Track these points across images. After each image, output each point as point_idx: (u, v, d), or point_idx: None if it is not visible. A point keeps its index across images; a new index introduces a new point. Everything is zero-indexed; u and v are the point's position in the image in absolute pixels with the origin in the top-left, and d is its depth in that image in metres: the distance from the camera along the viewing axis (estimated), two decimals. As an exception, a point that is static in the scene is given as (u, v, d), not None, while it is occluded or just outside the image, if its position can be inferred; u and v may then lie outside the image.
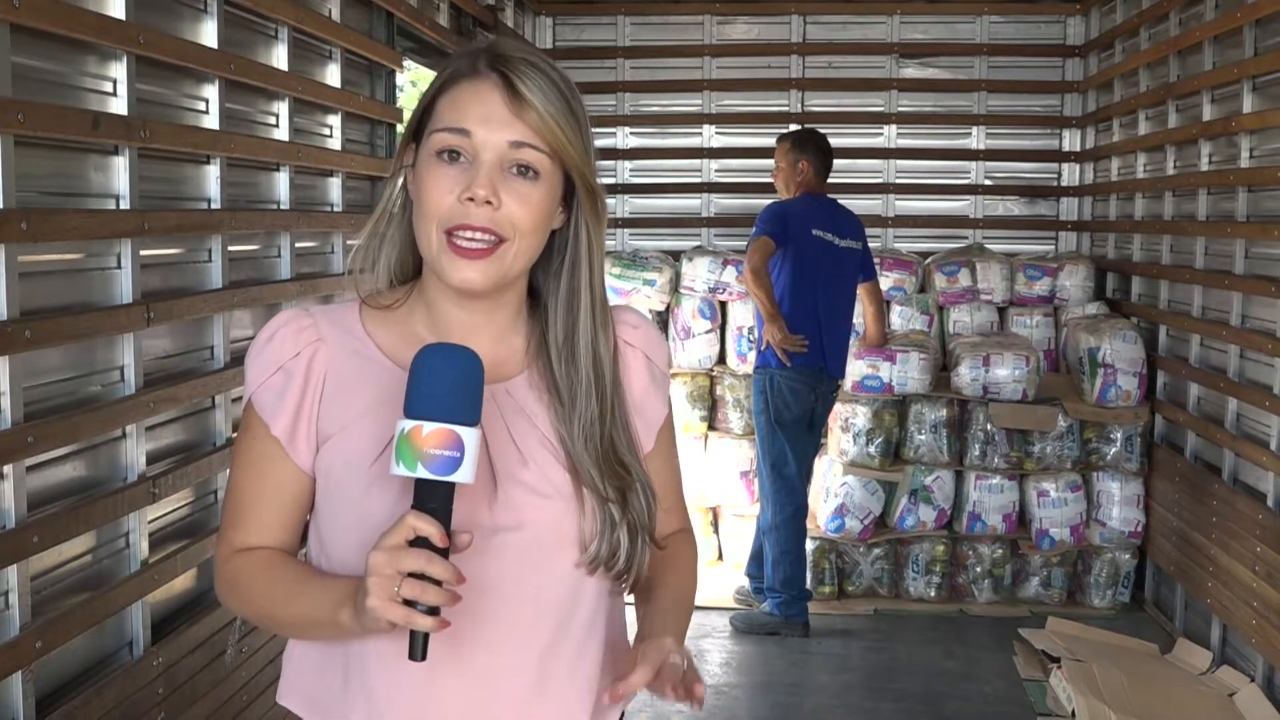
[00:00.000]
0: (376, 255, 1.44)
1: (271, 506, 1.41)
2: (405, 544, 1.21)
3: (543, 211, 1.36)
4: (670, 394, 1.56)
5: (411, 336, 1.41)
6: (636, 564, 1.40)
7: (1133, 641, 4.75)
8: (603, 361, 1.41)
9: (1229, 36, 4.52)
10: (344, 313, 1.44)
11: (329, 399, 1.38)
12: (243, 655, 3.04)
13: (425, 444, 1.22)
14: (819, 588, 5.31)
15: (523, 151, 1.33)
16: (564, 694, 1.39)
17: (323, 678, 1.40)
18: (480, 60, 1.36)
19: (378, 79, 4.22)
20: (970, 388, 5.31)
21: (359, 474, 1.35)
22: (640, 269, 5.86)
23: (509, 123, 1.33)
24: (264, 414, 1.39)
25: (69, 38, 2.35)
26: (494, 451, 1.35)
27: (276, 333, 1.40)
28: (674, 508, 1.54)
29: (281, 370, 1.39)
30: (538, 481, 1.37)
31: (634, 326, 1.49)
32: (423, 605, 1.20)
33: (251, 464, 1.41)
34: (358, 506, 1.35)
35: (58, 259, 2.40)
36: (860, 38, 6.49)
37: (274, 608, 1.39)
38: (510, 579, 1.35)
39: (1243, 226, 4.35)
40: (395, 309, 1.44)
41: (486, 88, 1.34)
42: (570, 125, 1.35)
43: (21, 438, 2.18)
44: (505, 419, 1.38)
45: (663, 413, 1.51)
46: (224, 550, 1.43)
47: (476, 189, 1.31)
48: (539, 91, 1.33)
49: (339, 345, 1.41)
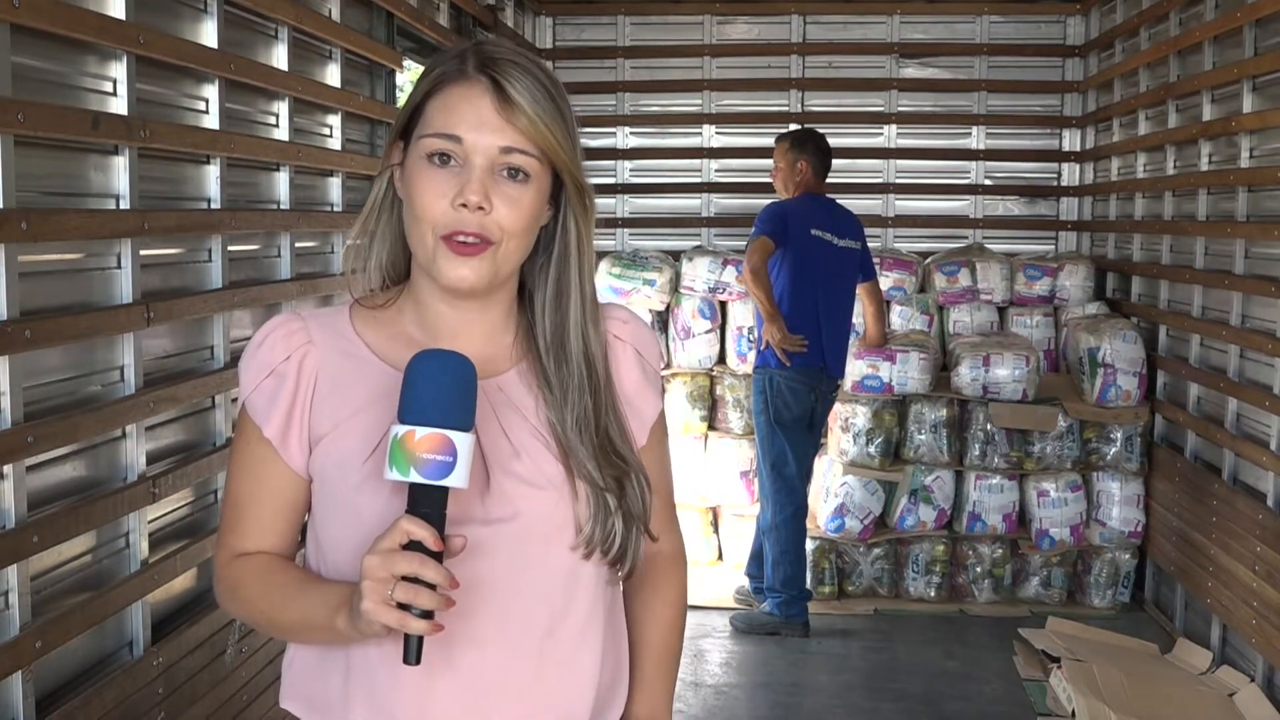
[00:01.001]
0: (368, 254, 1.45)
1: (268, 510, 1.42)
2: (399, 548, 1.22)
3: (532, 213, 1.37)
4: (663, 391, 1.56)
5: (401, 336, 1.42)
6: (632, 552, 1.41)
7: (1133, 641, 4.75)
8: (594, 356, 1.42)
9: (1229, 36, 4.52)
10: (335, 315, 1.46)
11: (320, 400, 1.39)
12: (243, 655, 3.04)
13: (418, 449, 1.22)
14: (819, 588, 5.31)
15: (513, 156, 1.34)
16: (565, 685, 1.40)
17: (323, 679, 1.40)
18: (469, 63, 1.36)
19: (378, 79, 4.22)
20: (970, 388, 5.31)
21: (351, 473, 1.36)
22: (640, 269, 5.86)
23: (500, 128, 1.33)
24: (257, 418, 1.40)
25: (69, 38, 2.35)
26: (486, 446, 1.36)
27: (267, 337, 1.42)
28: (661, 509, 1.53)
29: (273, 374, 1.40)
30: (530, 473, 1.38)
31: (623, 321, 1.50)
32: (417, 609, 1.21)
33: (247, 468, 1.43)
34: (351, 505, 1.36)
35: (58, 259, 2.40)
36: (860, 38, 6.49)
37: (273, 613, 1.40)
38: (507, 571, 1.36)
39: (1243, 226, 4.35)
40: (385, 309, 1.45)
41: (476, 92, 1.34)
42: (558, 126, 1.35)
43: (21, 438, 2.18)
44: (497, 413, 1.39)
45: (657, 408, 1.52)
46: (223, 555, 1.44)
47: (469, 195, 1.32)
48: (527, 94, 1.34)
49: (330, 347, 1.42)
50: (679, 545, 1.60)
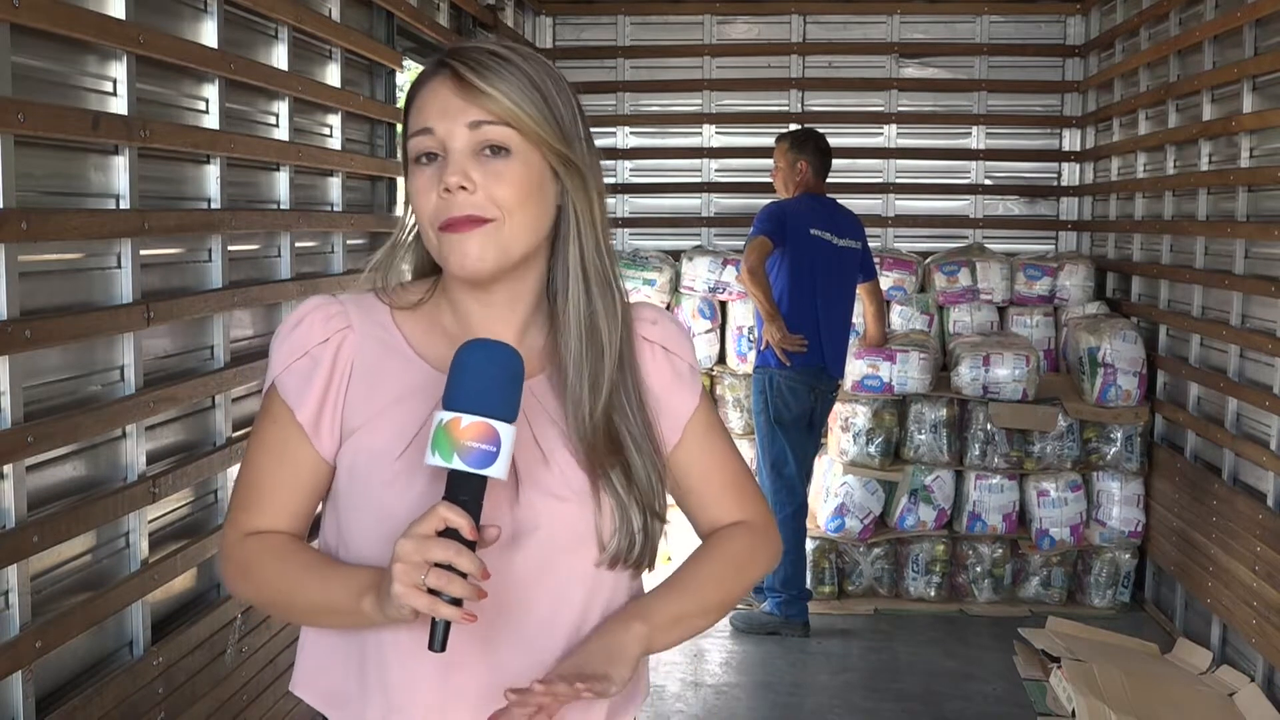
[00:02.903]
0: (388, 267, 1.45)
1: (288, 491, 1.40)
2: (434, 534, 1.21)
3: (524, 186, 1.35)
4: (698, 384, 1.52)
5: (439, 332, 1.42)
6: (651, 544, 1.40)
7: (1133, 641, 4.75)
8: (600, 332, 1.40)
9: (1229, 36, 4.52)
10: (373, 302, 1.44)
11: (354, 388, 1.39)
12: (243, 655, 3.04)
13: (463, 436, 1.22)
14: (819, 588, 5.31)
15: (484, 130, 1.33)
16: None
17: (339, 671, 1.40)
18: (435, 62, 1.38)
19: (378, 79, 4.22)
20: (970, 387, 5.31)
21: (383, 468, 1.35)
22: (640, 269, 5.87)
23: (463, 109, 1.34)
24: (288, 398, 1.38)
25: (69, 38, 2.35)
26: (516, 450, 1.34)
27: (305, 317, 1.40)
28: (722, 495, 1.50)
29: (308, 355, 1.39)
30: (556, 484, 1.37)
31: (652, 322, 1.49)
32: (447, 595, 1.20)
33: (271, 447, 1.40)
34: (379, 500, 1.35)
35: (58, 259, 2.40)
36: (860, 38, 6.49)
37: (290, 593, 1.37)
38: (527, 579, 1.36)
39: (1243, 226, 4.35)
40: (423, 304, 1.44)
41: (438, 82, 1.36)
42: (531, 99, 1.34)
43: (21, 437, 2.18)
44: (528, 417, 1.38)
45: (692, 404, 1.49)
46: (233, 534, 1.41)
47: (448, 178, 1.32)
48: (490, 72, 1.33)
49: (367, 334, 1.41)
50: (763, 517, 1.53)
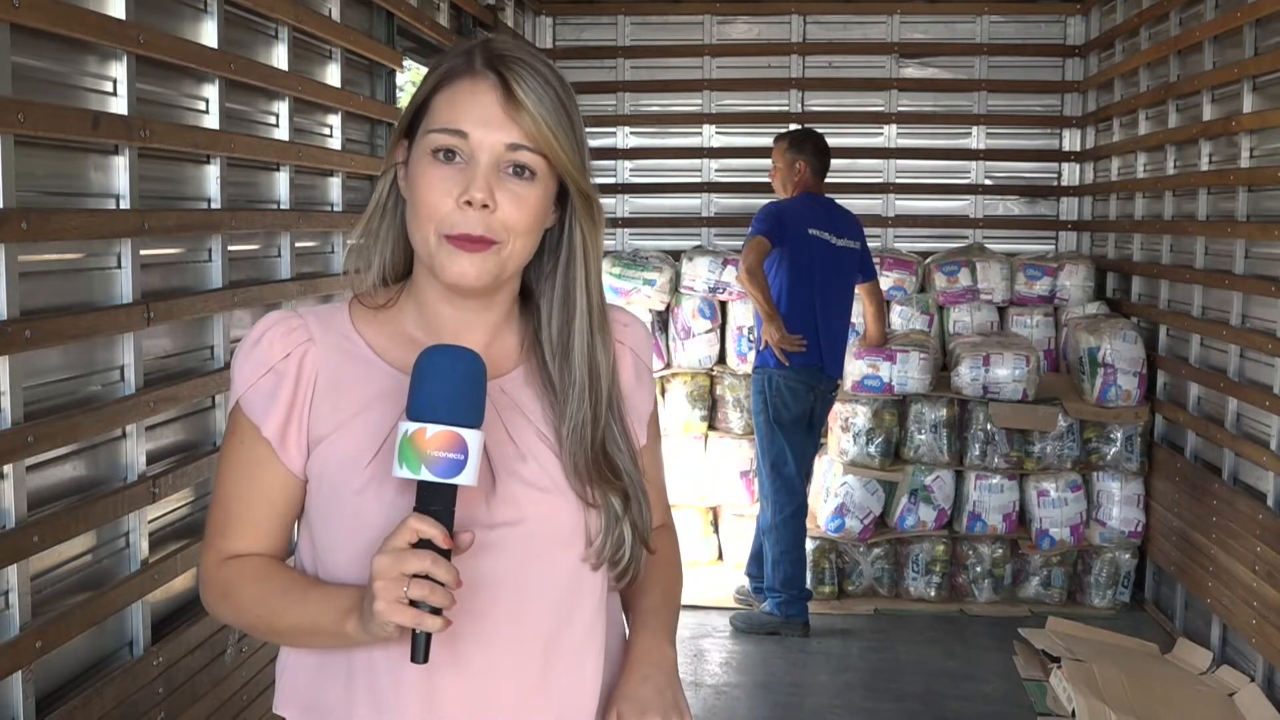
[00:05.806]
0: (371, 253, 1.43)
1: (262, 512, 1.39)
2: (409, 546, 1.21)
3: (537, 213, 1.35)
4: (655, 388, 1.57)
5: (402, 336, 1.41)
6: (636, 564, 1.41)
7: (1133, 641, 4.75)
8: (599, 365, 1.40)
9: (1229, 36, 4.52)
10: (333, 313, 1.43)
11: (320, 400, 1.37)
12: (243, 655, 3.04)
13: (428, 446, 1.22)
14: (819, 587, 5.31)
15: (519, 154, 1.33)
16: (568, 689, 1.39)
17: (322, 684, 1.39)
18: (476, 59, 1.34)
19: (378, 79, 4.22)
20: (970, 387, 5.31)
21: (353, 476, 1.34)
22: (640, 269, 5.86)
23: (505, 125, 1.32)
24: (254, 416, 1.37)
25: (69, 38, 2.35)
26: (491, 448, 1.34)
27: (265, 334, 1.39)
28: (657, 496, 1.53)
29: (272, 371, 1.37)
30: (536, 476, 1.37)
31: (625, 325, 1.50)
32: (428, 606, 1.20)
33: (241, 468, 1.39)
34: (351, 508, 1.35)
35: (58, 259, 2.40)
36: (860, 38, 6.49)
37: (271, 616, 1.37)
38: (511, 575, 1.35)
39: (1243, 226, 4.35)
40: (386, 308, 1.43)
41: (484, 88, 1.33)
42: (564, 129, 1.34)
43: (21, 437, 2.18)
44: (501, 415, 1.38)
45: (650, 405, 1.53)
46: (211, 558, 1.40)
47: (474, 191, 1.31)
48: (534, 94, 1.32)
49: (329, 346, 1.39)
50: (670, 525, 1.61)
